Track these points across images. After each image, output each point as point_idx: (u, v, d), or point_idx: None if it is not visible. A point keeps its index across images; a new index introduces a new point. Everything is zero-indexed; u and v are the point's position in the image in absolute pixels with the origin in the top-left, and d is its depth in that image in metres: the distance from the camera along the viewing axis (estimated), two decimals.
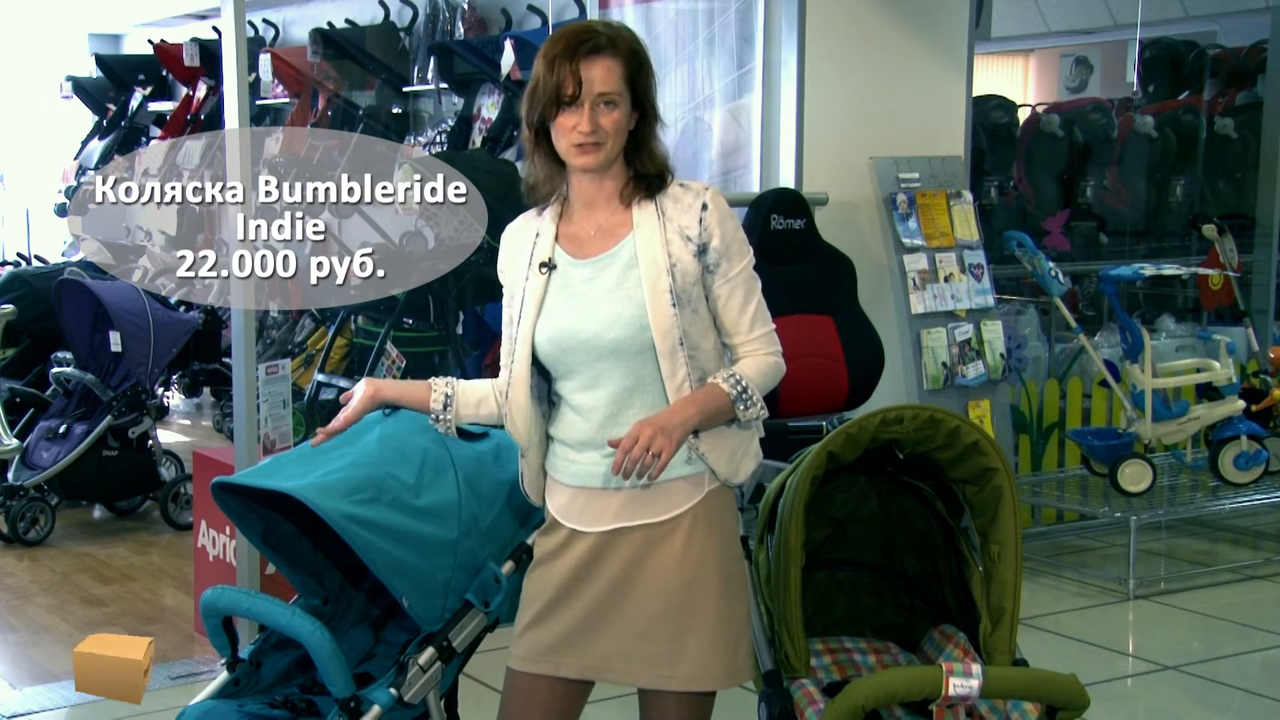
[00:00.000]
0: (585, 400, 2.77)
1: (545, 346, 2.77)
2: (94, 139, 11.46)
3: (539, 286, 2.78)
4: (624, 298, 2.72)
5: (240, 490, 3.17)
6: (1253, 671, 5.08)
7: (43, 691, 4.78)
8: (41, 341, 7.72)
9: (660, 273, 2.71)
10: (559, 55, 2.69)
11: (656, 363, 2.73)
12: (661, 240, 2.73)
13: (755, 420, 2.78)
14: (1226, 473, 6.19)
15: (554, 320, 2.76)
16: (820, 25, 5.79)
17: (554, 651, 2.82)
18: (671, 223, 2.75)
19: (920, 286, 5.88)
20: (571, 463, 2.82)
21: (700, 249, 2.74)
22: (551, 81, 2.68)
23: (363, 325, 8.32)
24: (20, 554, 6.53)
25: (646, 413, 2.72)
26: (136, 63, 11.47)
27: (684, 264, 2.73)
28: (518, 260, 2.84)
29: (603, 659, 2.80)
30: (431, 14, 8.69)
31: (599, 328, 2.72)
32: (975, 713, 3.02)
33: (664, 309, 2.70)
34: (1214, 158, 8.82)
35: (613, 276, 2.74)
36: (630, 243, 2.75)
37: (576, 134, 2.69)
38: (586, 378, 2.76)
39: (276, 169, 9.00)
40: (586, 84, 2.67)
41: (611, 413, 2.76)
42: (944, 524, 3.24)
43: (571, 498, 2.82)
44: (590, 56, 2.68)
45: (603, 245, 2.77)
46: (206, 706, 3.12)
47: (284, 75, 9.34)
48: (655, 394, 2.75)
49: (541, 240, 2.81)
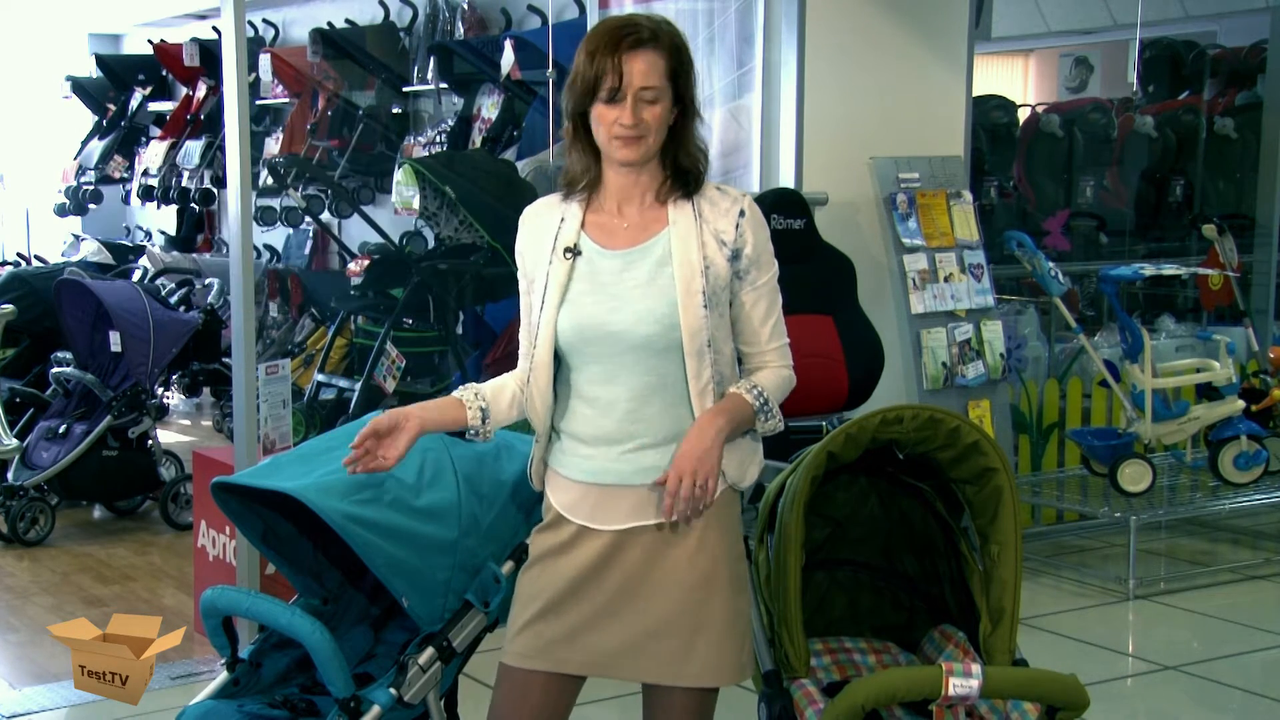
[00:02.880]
0: (603, 393, 2.75)
1: (569, 334, 2.73)
2: (94, 139, 11.46)
3: (563, 272, 2.75)
4: (657, 294, 2.72)
5: (240, 490, 3.17)
6: (1253, 671, 5.08)
7: (43, 691, 4.78)
8: (41, 341, 7.72)
9: (694, 273, 2.71)
10: (601, 48, 2.67)
11: (682, 362, 2.72)
12: (698, 241, 2.74)
13: (771, 433, 2.81)
14: (1226, 473, 6.19)
15: (581, 308, 2.73)
16: (820, 25, 5.79)
17: (557, 647, 2.81)
18: (708, 225, 2.75)
19: (920, 286, 5.88)
20: (583, 458, 2.79)
21: (734, 254, 2.76)
22: (592, 73, 2.67)
23: (363, 325, 8.32)
24: (20, 554, 6.53)
25: (667, 410, 2.73)
26: (136, 63, 11.47)
27: (717, 267, 2.74)
28: (539, 243, 2.80)
29: (610, 656, 2.80)
30: (431, 14, 8.69)
31: (630, 322, 2.71)
32: (975, 713, 3.02)
33: (695, 309, 2.70)
34: (1214, 158, 8.82)
35: (645, 271, 2.73)
36: (665, 239, 2.75)
37: (618, 126, 2.68)
38: (606, 370, 2.74)
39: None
40: (628, 77, 2.66)
41: (632, 409, 2.74)
42: (944, 524, 3.24)
43: (583, 494, 2.79)
44: (634, 50, 2.67)
45: (635, 238, 2.76)
46: (206, 706, 3.12)
47: (284, 75, 9.34)
48: (677, 393, 2.75)
49: (567, 226, 2.78)
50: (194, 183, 10.34)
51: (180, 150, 10.50)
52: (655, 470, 2.73)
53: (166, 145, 10.59)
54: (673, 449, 2.72)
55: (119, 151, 11.23)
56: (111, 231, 11.76)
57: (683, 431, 2.73)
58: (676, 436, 2.74)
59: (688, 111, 2.77)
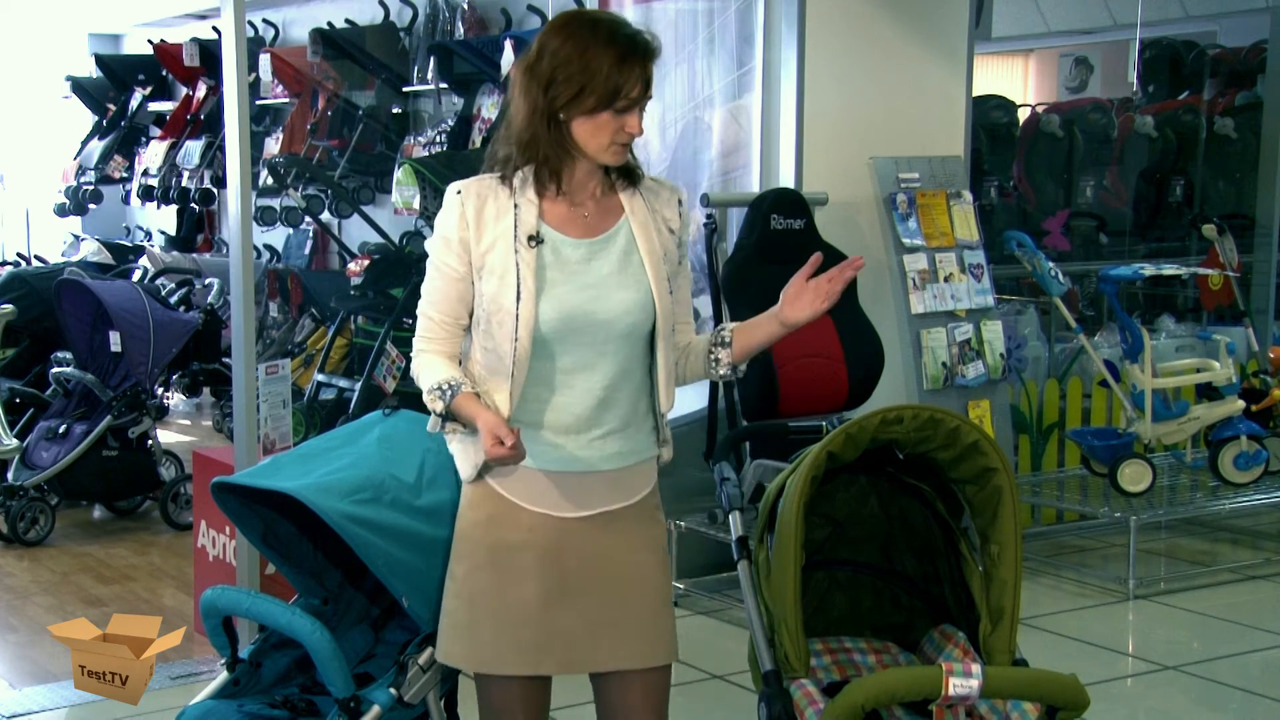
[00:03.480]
0: (579, 381, 2.76)
1: (555, 323, 2.72)
2: (94, 139, 11.45)
3: (533, 260, 2.72)
4: (631, 282, 2.76)
5: (240, 490, 3.17)
6: (1253, 671, 5.08)
7: (43, 691, 4.78)
8: (41, 341, 7.72)
9: (658, 260, 2.79)
10: (630, 55, 2.66)
11: (651, 348, 2.80)
12: (655, 229, 2.81)
13: (722, 378, 2.93)
14: (1226, 473, 6.19)
15: (561, 298, 2.72)
16: (820, 25, 5.79)
17: (535, 650, 2.81)
18: (657, 214, 2.83)
19: (920, 286, 5.88)
20: (550, 447, 2.78)
21: (679, 241, 2.87)
22: (618, 80, 2.65)
23: (363, 325, 8.32)
24: (20, 554, 6.53)
25: (633, 396, 2.80)
26: (136, 63, 11.46)
27: (670, 253, 2.83)
28: (493, 228, 2.73)
29: (584, 650, 2.81)
30: (431, 14, 8.69)
31: (617, 311, 2.74)
32: (975, 713, 3.02)
33: (665, 295, 2.79)
34: (1214, 158, 8.82)
35: (614, 260, 2.77)
36: (625, 228, 2.79)
37: (625, 134, 2.70)
38: (583, 358, 2.75)
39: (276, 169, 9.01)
40: (646, 88, 2.69)
41: (605, 395, 2.77)
42: (944, 524, 3.24)
43: (548, 482, 2.79)
44: (649, 59, 2.70)
45: (595, 228, 2.79)
46: (206, 706, 3.13)
47: (284, 75, 9.34)
48: (641, 378, 2.82)
49: (524, 213, 2.75)
50: (194, 183, 10.34)
51: (180, 150, 10.49)
52: (620, 455, 2.80)
53: (166, 145, 10.59)
54: (630, 432, 2.80)
55: (119, 151, 11.22)
56: (111, 231, 11.76)
57: (638, 415, 2.81)
58: (633, 421, 2.81)
59: None
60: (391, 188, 8.14)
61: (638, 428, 2.83)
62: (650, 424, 2.86)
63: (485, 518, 2.82)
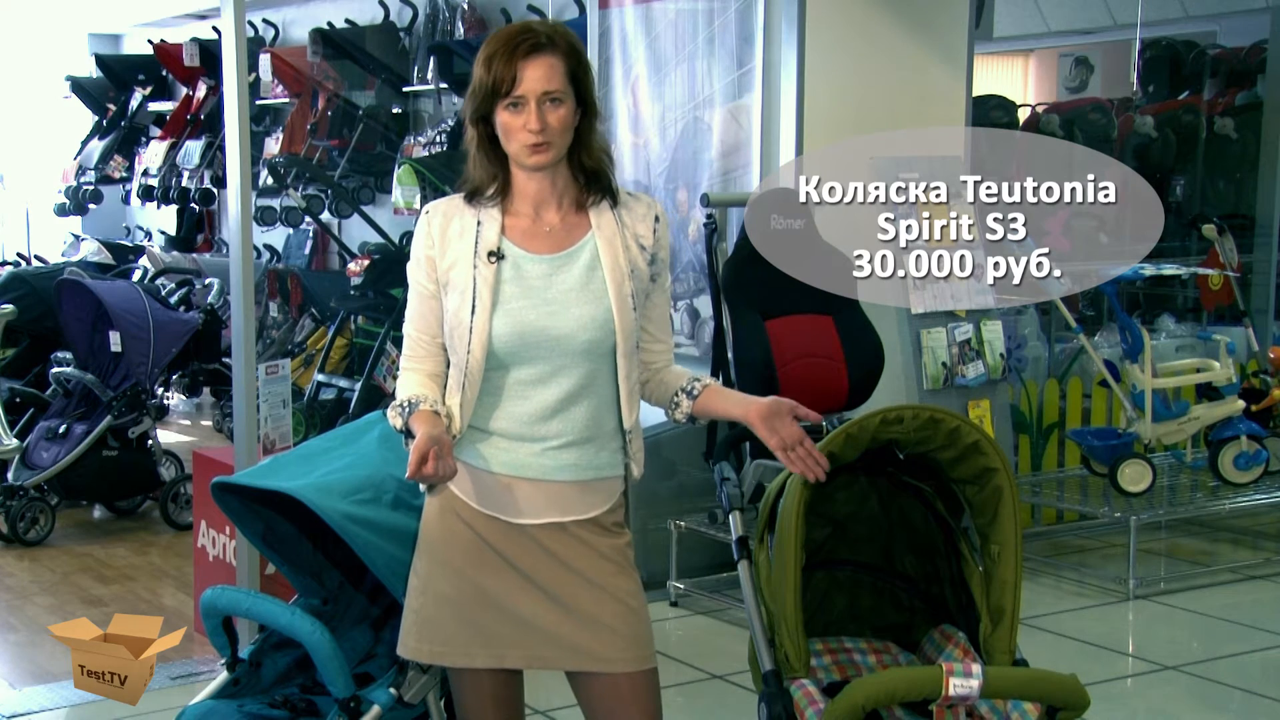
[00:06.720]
0: (534, 394, 2.78)
1: (508, 339, 2.74)
2: (94, 139, 11.46)
3: (491, 276, 2.76)
4: (591, 299, 2.77)
5: (240, 490, 3.17)
6: (1253, 671, 5.08)
7: (43, 691, 4.78)
8: (41, 341, 7.73)
9: (624, 277, 2.79)
10: (497, 54, 2.71)
11: (613, 364, 2.80)
12: (622, 245, 2.81)
13: (675, 421, 2.97)
14: (1226, 473, 6.19)
15: (517, 314, 2.75)
16: (820, 25, 5.79)
17: (495, 643, 2.81)
18: (628, 230, 2.83)
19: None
20: (502, 450, 2.80)
21: (652, 258, 2.85)
22: (489, 80, 2.70)
23: (363, 325, 8.32)
24: (20, 554, 6.53)
25: (594, 409, 2.80)
26: (136, 63, 11.47)
27: (640, 270, 2.83)
28: (456, 245, 2.79)
29: (552, 647, 2.81)
30: (431, 14, 8.69)
31: (573, 327, 2.75)
32: (975, 713, 3.02)
33: (628, 312, 2.78)
34: (1214, 158, 8.82)
35: (576, 276, 2.77)
36: (590, 244, 2.80)
37: (526, 134, 2.71)
38: (540, 372, 2.77)
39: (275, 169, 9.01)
40: (531, 83, 2.69)
41: (561, 409, 2.78)
42: (944, 524, 3.23)
43: (497, 485, 2.80)
44: (530, 55, 2.70)
45: (560, 243, 2.80)
46: (206, 706, 3.13)
47: (284, 75, 9.34)
48: (606, 392, 2.82)
49: (486, 229, 2.78)
50: (194, 183, 10.35)
51: (180, 150, 10.49)
52: (574, 467, 2.80)
53: (166, 145, 10.59)
54: (590, 448, 2.80)
55: (119, 151, 11.23)
56: (111, 231, 11.76)
57: (603, 431, 2.81)
58: (596, 436, 2.81)
59: (589, 112, 2.79)
60: (391, 188, 8.14)
61: (601, 444, 2.82)
62: (618, 442, 2.86)
63: (441, 513, 2.84)
